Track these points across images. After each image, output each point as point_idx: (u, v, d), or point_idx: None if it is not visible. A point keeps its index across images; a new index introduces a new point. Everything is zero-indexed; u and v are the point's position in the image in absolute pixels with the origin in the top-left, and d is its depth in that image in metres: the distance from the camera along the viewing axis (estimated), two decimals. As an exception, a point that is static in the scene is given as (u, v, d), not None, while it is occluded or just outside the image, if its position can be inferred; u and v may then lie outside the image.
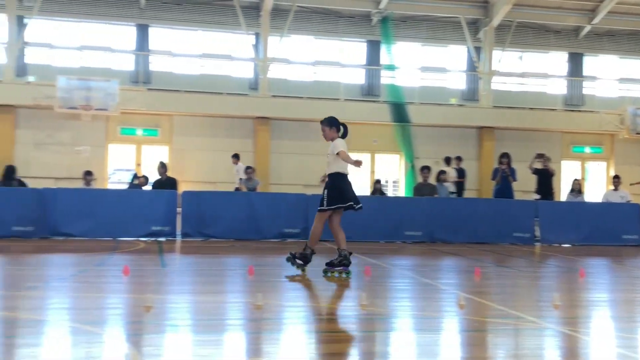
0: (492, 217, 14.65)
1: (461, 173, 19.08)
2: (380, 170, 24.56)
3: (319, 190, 9.01)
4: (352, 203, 8.67)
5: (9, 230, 12.68)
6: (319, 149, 23.60)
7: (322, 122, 9.01)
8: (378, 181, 17.75)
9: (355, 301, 7.00)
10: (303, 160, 23.39)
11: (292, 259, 8.92)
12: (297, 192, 15.83)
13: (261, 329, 5.84)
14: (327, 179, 8.80)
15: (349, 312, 6.86)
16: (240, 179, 17.56)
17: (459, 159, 19.43)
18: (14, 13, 22.36)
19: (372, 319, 6.39)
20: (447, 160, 19.42)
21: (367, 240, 13.52)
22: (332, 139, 8.82)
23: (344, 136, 8.92)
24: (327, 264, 8.78)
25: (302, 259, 8.84)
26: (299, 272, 8.78)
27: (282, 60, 24.47)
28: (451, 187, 17.76)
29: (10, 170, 14.48)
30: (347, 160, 8.57)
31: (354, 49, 25.68)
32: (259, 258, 11.23)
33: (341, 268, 8.69)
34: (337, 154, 8.62)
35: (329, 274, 8.67)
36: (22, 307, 6.54)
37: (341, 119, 9.11)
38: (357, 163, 8.50)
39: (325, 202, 8.65)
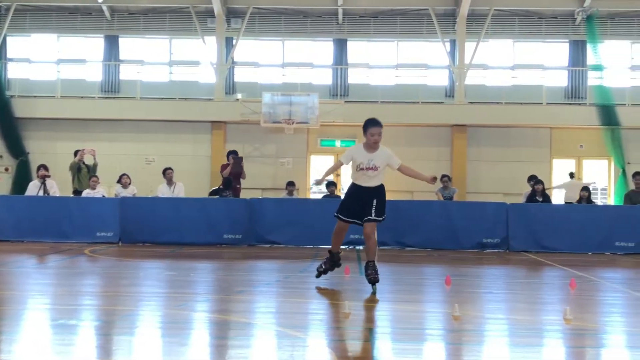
0: None
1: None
2: (588, 177, 23.12)
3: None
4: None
5: (221, 237, 13.57)
6: (521, 155, 22.99)
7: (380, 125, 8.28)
8: (586, 188, 16.62)
9: (559, 315, 6.61)
10: (502, 168, 22.76)
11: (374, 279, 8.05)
12: (496, 200, 15.42)
13: (462, 341, 5.73)
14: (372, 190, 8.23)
15: (552, 326, 6.49)
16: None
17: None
18: (223, 35, 24.04)
19: (581, 334, 6.01)
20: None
21: (574, 252, 13.09)
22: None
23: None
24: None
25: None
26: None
27: (479, 66, 23.99)
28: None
29: (229, 182, 15.48)
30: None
31: (555, 50, 24.55)
32: (456, 268, 11.02)
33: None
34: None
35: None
36: (233, 310, 6.95)
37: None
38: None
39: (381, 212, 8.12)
